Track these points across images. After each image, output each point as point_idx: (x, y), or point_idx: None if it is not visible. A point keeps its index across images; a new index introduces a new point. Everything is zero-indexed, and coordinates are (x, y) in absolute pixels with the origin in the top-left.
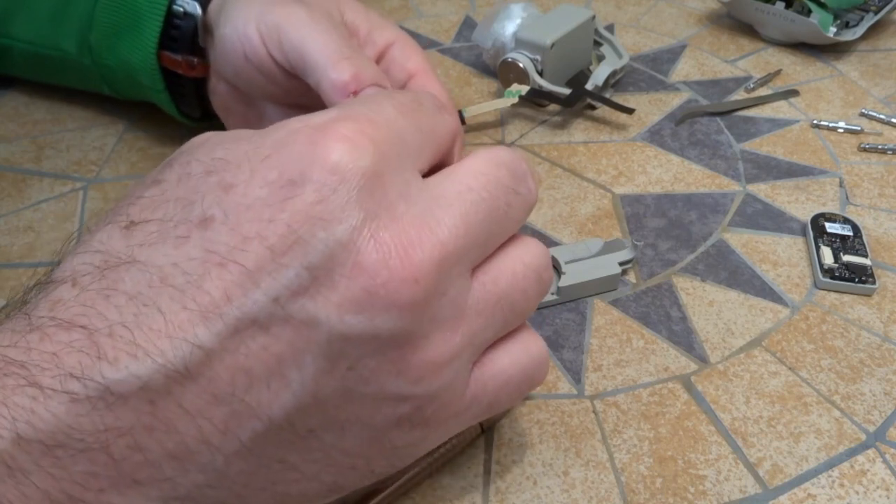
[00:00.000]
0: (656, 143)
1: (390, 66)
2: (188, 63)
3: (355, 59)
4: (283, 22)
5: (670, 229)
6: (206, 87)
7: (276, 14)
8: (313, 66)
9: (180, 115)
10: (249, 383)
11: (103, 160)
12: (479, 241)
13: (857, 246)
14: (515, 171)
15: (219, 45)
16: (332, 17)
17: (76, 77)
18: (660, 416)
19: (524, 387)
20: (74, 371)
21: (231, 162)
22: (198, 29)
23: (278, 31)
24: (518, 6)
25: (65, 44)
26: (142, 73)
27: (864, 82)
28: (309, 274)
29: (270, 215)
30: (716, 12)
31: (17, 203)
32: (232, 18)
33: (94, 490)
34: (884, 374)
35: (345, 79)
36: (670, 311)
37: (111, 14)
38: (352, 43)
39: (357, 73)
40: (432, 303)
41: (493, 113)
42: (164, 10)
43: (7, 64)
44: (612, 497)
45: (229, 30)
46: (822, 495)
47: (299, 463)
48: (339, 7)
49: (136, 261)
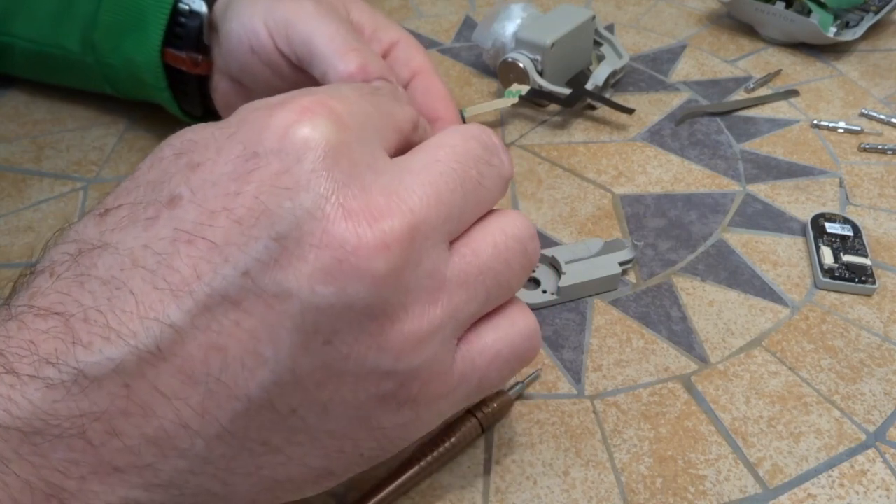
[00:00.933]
0: (656, 143)
1: (394, 65)
2: (192, 60)
3: (363, 51)
4: (292, 15)
5: (670, 229)
6: (209, 84)
7: (284, 8)
8: (321, 58)
9: (182, 114)
10: (224, 362)
11: (103, 160)
12: (454, 212)
13: (857, 246)
14: (486, 144)
15: (224, 40)
16: (338, 13)
17: (78, 76)
18: (660, 416)
19: (515, 363)
20: (50, 357)
21: (199, 142)
22: (203, 27)
23: (286, 24)
24: (518, 6)
25: (67, 42)
26: (145, 70)
27: (864, 82)
28: (278, 245)
29: (236, 188)
30: (716, 12)
31: (17, 203)
32: (239, 14)
33: (74, 478)
34: (884, 374)
35: (351, 69)
36: (670, 311)
37: (116, 13)
38: (359, 36)
39: (364, 65)
40: (406, 272)
41: (493, 113)
42: (170, 8)
43: (8, 63)
44: (613, 497)
45: (236, 24)
46: (822, 495)
47: (284, 445)
48: (345, 5)
49: (108, 245)
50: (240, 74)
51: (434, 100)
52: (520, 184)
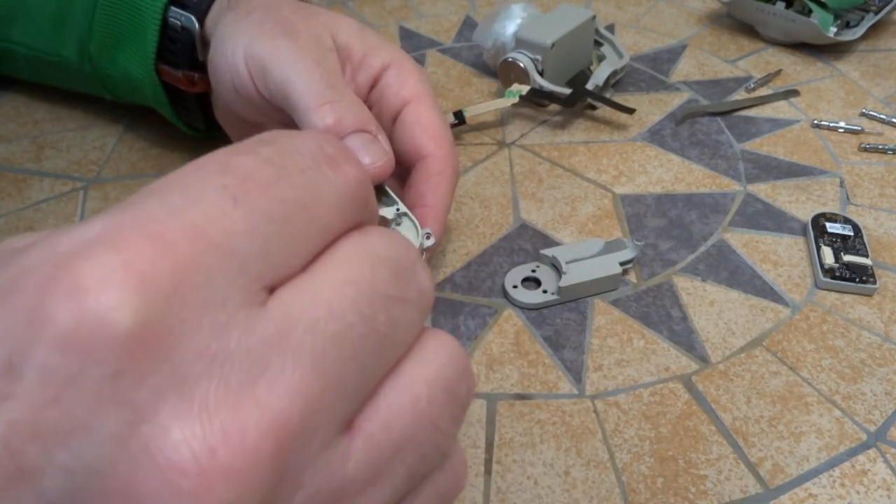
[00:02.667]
0: (657, 143)
1: (384, 92)
2: (188, 79)
3: (337, 103)
4: (268, 59)
5: (671, 229)
6: (209, 98)
7: (261, 47)
8: (296, 109)
9: (186, 128)
10: None
11: (103, 160)
12: (349, 389)
13: (857, 246)
14: (399, 268)
15: (211, 69)
16: (321, 47)
17: (78, 82)
18: (661, 416)
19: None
20: None
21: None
22: (196, 43)
23: (263, 68)
24: (518, 6)
25: (65, 51)
26: (144, 85)
27: (865, 82)
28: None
29: None
30: (716, 12)
31: (17, 203)
32: (222, 45)
33: None
34: (884, 373)
35: (320, 128)
36: (671, 310)
37: (109, 25)
38: (336, 82)
39: (338, 120)
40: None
41: (493, 113)
42: (159, 24)
43: (11, 67)
44: (613, 497)
45: (219, 58)
46: (822, 495)
47: None
48: (332, 29)
49: None
50: (230, 105)
51: (424, 134)
52: (520, 184)
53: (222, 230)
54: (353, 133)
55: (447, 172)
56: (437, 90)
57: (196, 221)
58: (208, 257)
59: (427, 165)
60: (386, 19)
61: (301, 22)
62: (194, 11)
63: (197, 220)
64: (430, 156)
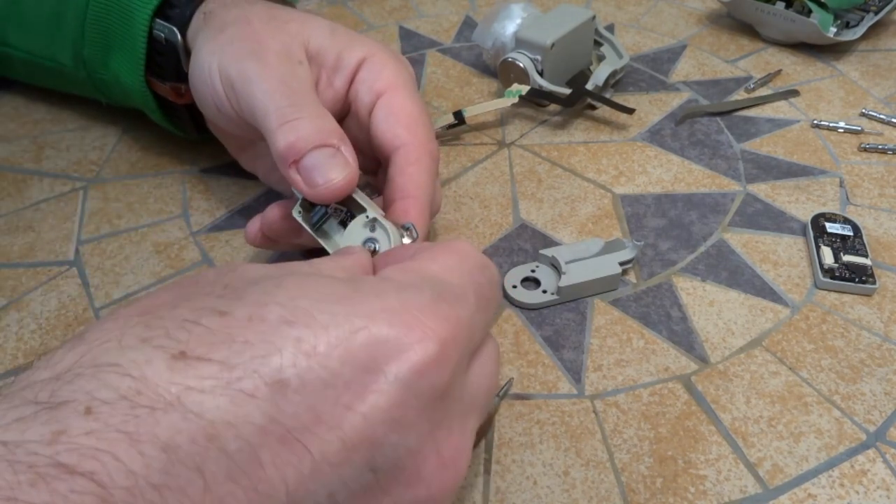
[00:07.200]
0: (656, 143)
1: (359, 88)
2: (176, 91)
3: (297, 121)
4: (235, 80)
5: (670, 229)
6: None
7: (230, 68)
8: (263, 131)
9: (178, 131)
10: None
11: (103, 160)
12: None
13: (857, 246)
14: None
15: (192, 86)
16: (289, 61)
17: (75, 86)
18: (660, 416)
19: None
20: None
21: (316, 318)
22: (180, 56)
23: (233, 89)
24: (518, 6)
25: (61, 56)
26: (134, 93)
27: (865, 82)
28: (372, 476)
29: (348, 402)
30: (716, 12)
31: (17, 203)
32: (198, 63)
33: None
34: (884, 374)
35: (280, 148)
36: (670, 311)
37: (100, 32)
38: (299, 99)
39: (297, 139)
40: None
41: (493, 113)
42: (146, 36)
43: (9, 70)
44: (613, 497)
45: (197, 76)
46: (822, 495)
47: None
48: (303, 37)
49: (182, 407)
50: (213, 120)
51: (395, 124)
52: (520, 183)
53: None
54: (313, 150)
55: (423, 160)
56: (437, 90)
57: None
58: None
59: (402, 155)
60: (386, 19)
61: (270, 37)
62: (176, 23)
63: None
64: (403, 145)
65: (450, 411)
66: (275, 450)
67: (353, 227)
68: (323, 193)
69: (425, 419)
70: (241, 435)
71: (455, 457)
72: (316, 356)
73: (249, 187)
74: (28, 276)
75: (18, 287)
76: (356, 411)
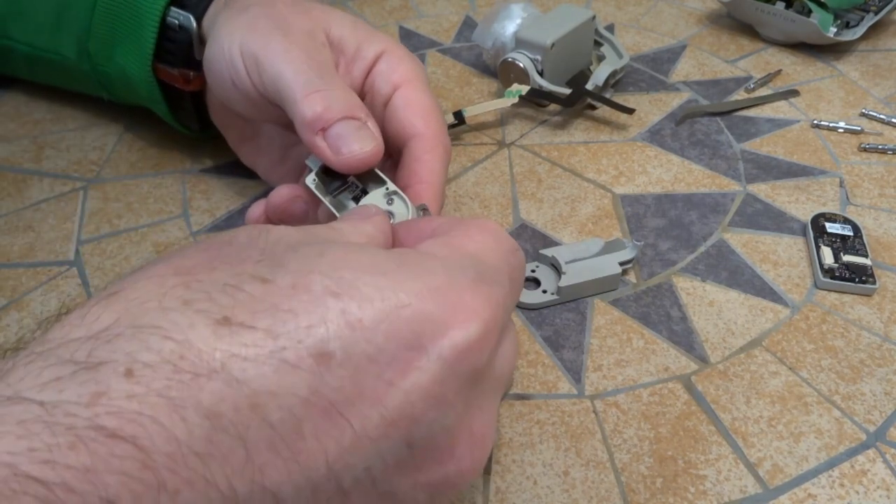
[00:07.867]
0: (656, 143)
1: (376, 80)
2: (184, 77)
3: (326, 91)
4: (260, 53)
5: (670, 229)
6: (204, 98)
7: (254, 43)
8: (286, 101)
9: (180, 127)
10: None
11: (103, 160)
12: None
13: (857, 246)
14: (517, 252)
15: (207, 66)
16: (313, 40)
17: (77, 81)
18: (660, 416)
19: None
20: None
21: (361, 291)
22: (193, 42)
23: (256, 62)
24: (518, 6)
25: (64, 49)
26: (139, 84)
27: (865, 82)
28: (408, 451)
29: (391, 378)
30: (716, 12)
31: (17, 203)
32: (218, 42)
33: None
34: (884, 374)
35: (308, 116)
36: (670, 311)
37: (108, 23)
38: (326, 72)
39: (326, 108)
40: None
41: (493, 113)
42: (158, 23)
43: (9, 65)
44: (613, 497)
45: (216, 55)
46: (822, 495)
47: None
48: (325, 24)
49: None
50: (228, 103)
51: (412, 115)
52: (520, 183)
53: (506, 311)
54: (341, 120)
55: (438, 150)
56: (437, 90)
57: (500, 299)
58: (499, 331)
59: (417, 144)
60: (386, 19)
61: (295, 17)
62: (193, 11)
63: (500, 298)
64: (418, 135)
65: (483, 390)
66: (317, 422)
67: (368, 200)
68: (349, 161)
69: (462, 398)
70: (284, 406)
71: (485, 434)
72: (361, 329)
73: (249, 187)
74: (28, 276)
75: (18, 287)
76: (398, 387)
